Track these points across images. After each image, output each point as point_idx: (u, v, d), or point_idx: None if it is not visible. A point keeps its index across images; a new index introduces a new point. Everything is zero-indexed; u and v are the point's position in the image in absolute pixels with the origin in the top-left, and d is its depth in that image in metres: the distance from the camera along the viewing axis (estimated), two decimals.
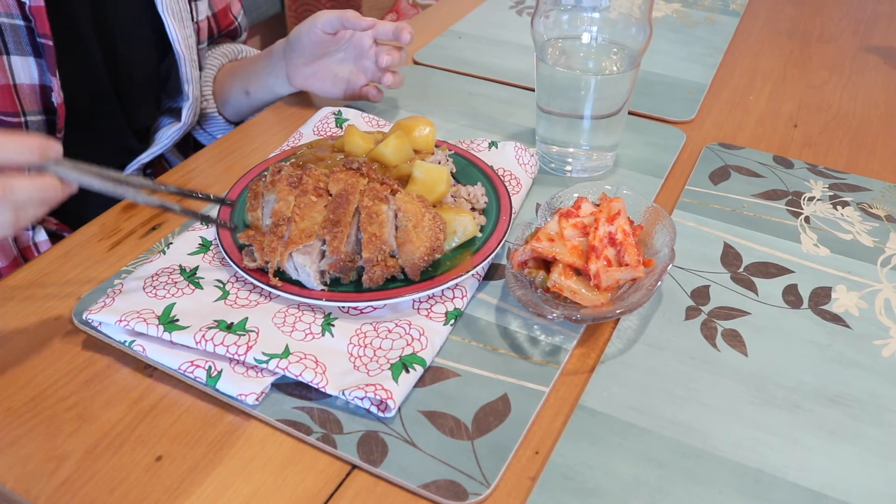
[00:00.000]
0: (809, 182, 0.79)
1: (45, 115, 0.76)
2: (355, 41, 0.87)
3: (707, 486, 0.50)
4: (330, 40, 0.85)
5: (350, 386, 0.54)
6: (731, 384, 0.57)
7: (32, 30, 0.72)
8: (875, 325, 0.62)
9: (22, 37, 0.72)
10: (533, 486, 0.50)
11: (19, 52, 0.73)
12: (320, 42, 0.85)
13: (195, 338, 0.56)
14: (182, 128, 0.91)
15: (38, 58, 0.74)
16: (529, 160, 0.78)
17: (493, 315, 0.63)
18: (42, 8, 0.71)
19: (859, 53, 1.08)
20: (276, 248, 0.61)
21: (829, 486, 0.50)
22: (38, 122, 0.76)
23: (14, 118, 0.74)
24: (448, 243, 0.64)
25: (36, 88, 0.75)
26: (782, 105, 0.95)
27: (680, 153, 0.84)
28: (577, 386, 0.57)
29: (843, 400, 0.56)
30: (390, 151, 0.70)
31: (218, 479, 0.50)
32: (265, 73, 0.91)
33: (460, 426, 0.53)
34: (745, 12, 1.20)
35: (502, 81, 0.98)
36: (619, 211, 0.62)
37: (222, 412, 0.55)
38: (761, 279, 0.66)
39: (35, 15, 0.71)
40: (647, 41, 0.74)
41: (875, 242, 0.71)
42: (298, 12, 2.21)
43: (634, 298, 0.58)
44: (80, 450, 0.52)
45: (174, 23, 0.85)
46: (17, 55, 0.72)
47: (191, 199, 0.71)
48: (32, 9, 0.71)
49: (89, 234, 0.71)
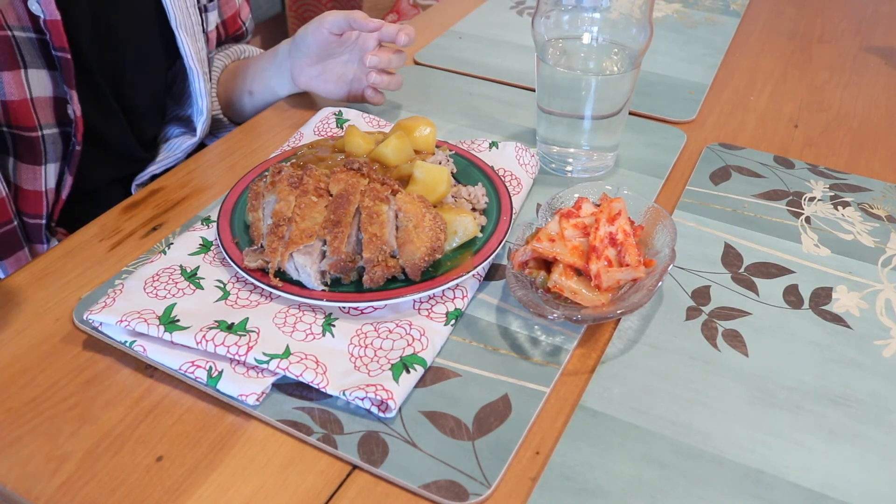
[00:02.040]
0: (810, 182, 0.79)
1: (59, 128, 0.76)
2: (360, 43, 0.87)
3: (708, 486, 0.50)
4: (336, 41, 0.84)
5: (351, 386, 0.54)
6: (731, 384, 0.57)
7: (45, 42, 0.72)
8: (876, 326, 0.62)
9: (35, 50, 0.72)
10: (533, 487, 0.50)
11: (34, 65, 0.72)
12: (326, 43, 0.84)
13: (196, 338, 0.56)
14: (197, 141, 0.90)
15: (52, 70, 0.74)
16: (530, 160, 0.78)
17: (493, 315, 0.63)
18: (59, 22, 0.71)
19: (860, 54, 1.08)
20: (276, 249, 0.61)
21: (830, 486, 0.50)
22: (54, 134, 0.76)
23: (32, 132, 0.74)
24: (448, 243, 0.64)
25: (50, 101, 0.74)
26: (783, 105, 0.95)
27: (680, 153, 0.84)
28: (578, 386, 0.57)
29: (844, 400, 0.56)
30: (391, 152, 0.70)
31: (219, 479, 0.50)
32: (269, 73, 0.91)
33: (461, 426, 0.53)
34: (745, 13, 1.20)
35: (503, 82, 0.98)
36: (619, 211, 0.62)
37: (223, 412, 0.55)
38: (762, 279, 0.66)
39: (51, 29, 0.70)
40: (647, 41, 0.74)
41: (876, 243, 0.71)
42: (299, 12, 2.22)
43: (635, 299, 0.58)
44: (81, 450, 0.52)
45: (187, 38, 0.84)
46: (32, 68, 0.72)
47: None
48: (48, 22, 0.70)
49: (90, 234, 0.71)
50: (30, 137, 0.74)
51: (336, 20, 0.82)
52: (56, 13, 0.70)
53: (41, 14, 0.70)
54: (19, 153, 0.75)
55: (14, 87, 0.71)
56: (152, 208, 0.74)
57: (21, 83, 0.71)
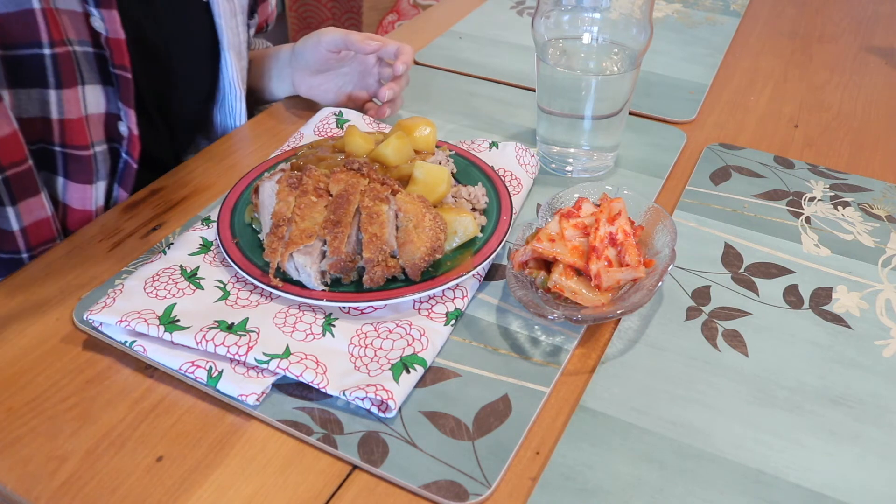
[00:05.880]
0: (810, 182, 0.79)
1: (108, 144, 0.74)
2: (360, 58, 0.88)
3: (708, 486, 0.50)
4: (333, 58, 0.86)
5: (351, 386, 0.54)
6: (731, 385, 0.57)
7: (102, 58, 0.69)
8: (876, 326, 0.62)
9: (92, 65, 0.70)
10: (534, 487, 0.50)
11: (91, 81, 0.70)
12: (324, 59, 0.85)
13: (196, 338, 0.56)
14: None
15: (106, 86, 0.71)
16: (530, 160, 0.78)
17: (493, 315, 0.63)
18: (122, 41, 0.68)
19: (860, 54, 1.08)
20: (276, 249, 0.61)
21: (830, 486, 0.50)
22: (104, 152, 0.73)
23: (85, 150, 0.71)
24: (449, 243, 0.64)
25: (102, 118, 0.72)
26: (783, 105, 0.95)
27: (681, 153, 0.84)
28: (578, 386, 0.57)
29: (844, 400, 0.56)
30: (391, 152, 0.70)
31: (219, 479, 0.50)
32: (268, 76, 0.92)
33: (461, 426, 0.53)
34: (745, 13, 1.20)
35: (503, 82, 0.98)
36: (619, 211, 0.62)
37: (223, 412, 0.55)
38: (762, 279, 0.66)
39: (113, 47, 0.68)
40: (647, 42, 0.74)
41: (876, 243, 0.71)
42: (299, 12, 2.22)
43: (635, 299, 0.58)
44: (81, 450, 0.52)
45: (233, 58, 0.84)
46: (88, 85, 0.70)
47: None
48: (111, 41, 0.68)
49: (90, 234, 0.71)
50: (82, 156, 0.71)
51: (333, 40, 0.83)
52: (120, 32, 0.68)
53: (104, 31, 0.68)
54: (69, 172, 0.72)
55: (72, 105, 0.69)
56: (152, 208, 0.74)
57: (78, 101, 0.69)
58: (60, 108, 0.68)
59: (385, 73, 0.88)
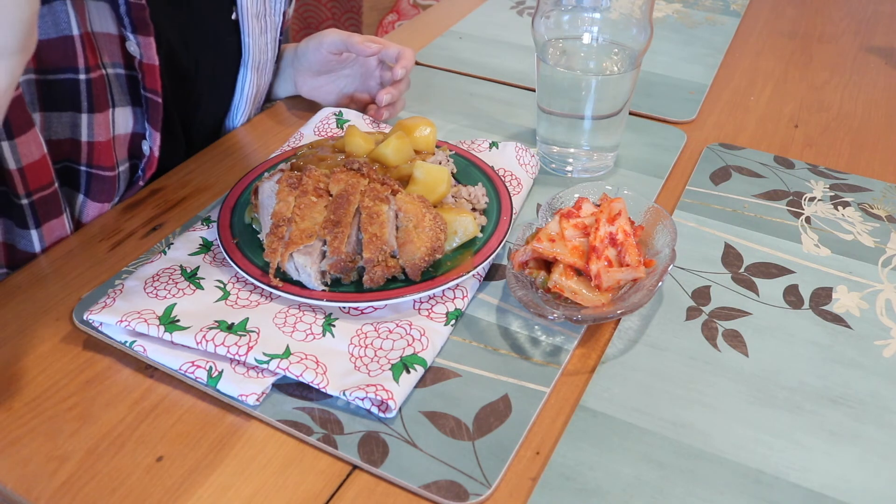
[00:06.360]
0: (810, 182, 0.79)
1: (130, 162, 0.74)
2: (361, 61, 0.88)
3: (708, 486, 0.50)
4: (335, 60, 0.86)
5: (351, 386, 0.54)
6: (731, 385, 0.57)
7: (134, 80, 0.69)
8: (876, 326, 0.62)
9: (123, 87, 0.69)
10: (534, 487, 0.50)
11: (121, 103, 0.70)
12: (325, 60, 0.86)
13: (196, 338, 0.56)
14: None
15: (135, 107, 0.71)
16: (530, 160, 0.78)
17: (493, 315, 0.63)
18: (156, 67, 0.68)
19: (860, 54, 1.08)
20: (276, 249, 0.61)
21: (830, 486, 0.50)
22: (126, 170, 0.73)
23: (110, 171, 0.70)
24: (449, 244, 0.64)
25: (128, 138, 0.72)
26: (783, 105, 0.95)
27: (681, 154, 0.84)
28: (578, 386, 0.57)
29: (845, 401, 0.56)
30: (391, 152, 0.70)
31: (219, 479, 0.50)
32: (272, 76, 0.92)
33: (461, 427, 0.53)
34: (745, 13, 1.20)
35: (503, 82, 0.98)
36: (619, 211, 0.62)
37: (223, 413, 0.55)
38: (762, 279, 0.66)
39: (146, 71, 0.68)
40: (647, 42, 0.74)
41: (876, 243, 0.71)
42: (299, 12, 2.21)
43: (635, 299, 0.58)
44: (81, 450, 0.52)
45: (254, 77, 0.85)
46: (118, 107, 0.69)
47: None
48: (145, 66, 0.68)
49: (90, 234, 0.71)
50: (107, 177, 0.70)
51: (334, 42, 0.84)
52: (155, 58, 0.67)
53: (138, 56, 0.67)
54: (92, 191, 0.71)
55: (102, 128, 0.68)
56: (152, 208, 0.74)
57: (108, 123, 0.68)
58: (91, 132, 0.68)
59: (386, 76, 0.88)
